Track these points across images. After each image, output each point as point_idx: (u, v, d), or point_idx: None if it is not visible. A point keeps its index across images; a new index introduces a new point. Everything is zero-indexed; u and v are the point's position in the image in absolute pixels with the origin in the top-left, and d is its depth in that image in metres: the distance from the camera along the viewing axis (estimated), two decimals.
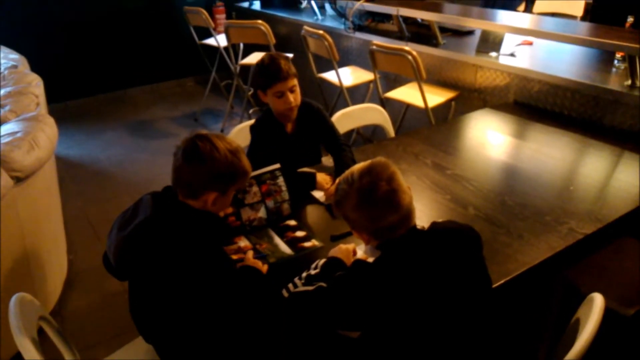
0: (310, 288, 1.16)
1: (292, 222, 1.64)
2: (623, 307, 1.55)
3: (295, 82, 1.89)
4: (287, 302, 1.19)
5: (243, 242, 1.54)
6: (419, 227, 1.18)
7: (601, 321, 1.11)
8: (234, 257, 1.46)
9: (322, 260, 1.32)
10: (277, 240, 1.55)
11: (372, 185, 1.12)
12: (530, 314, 1.79)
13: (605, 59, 2.77)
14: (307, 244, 1.53)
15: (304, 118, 2.00)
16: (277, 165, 1.62)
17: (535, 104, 2.67)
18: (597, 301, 1.15)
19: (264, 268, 1.40)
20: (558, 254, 1.45)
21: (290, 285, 1.28)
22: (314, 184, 1.85)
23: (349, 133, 2.92)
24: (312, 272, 1.30)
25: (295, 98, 1.89)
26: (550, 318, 1.77)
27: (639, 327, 1.56)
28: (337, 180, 1.81)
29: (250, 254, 1.46)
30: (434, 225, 1.21)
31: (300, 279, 1.30)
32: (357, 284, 1.10)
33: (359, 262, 1.17)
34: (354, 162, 1.90)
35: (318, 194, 1.83)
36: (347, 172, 1.19)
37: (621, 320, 1.54)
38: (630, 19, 2.73)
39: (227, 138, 1.33)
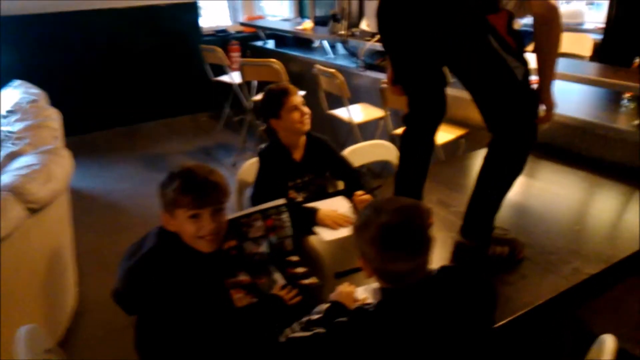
0: (307, 334, 1.14)
1: (295, 258, 1.65)
2: (637, 348, 1.51)
3: (302, 98, 2.01)
4: (282, 347, 1.18)
5: (243, 276, 1.54)
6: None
7: None
8: (233, 292, 1.46)
9: (326, 306, 1.27)
10: (276, 276, 1.55)
11: (402, 225, 1.05)
12: (541, 356, 1.75)
13: (613, 98, 2.79)
14: (305, 281, 1.53)
15: (312, 148, 2.06)
16: (283, 201, 1.63)
17: (544, 141, 2.68)
18: (609, 342, 1.13)
19: (294, 300, 1.41)
20: (562, 294, 1.44)
21: (288, 330, 1.24)
22: (313, 220, 1.86)
23: (359, 169, 2.96)
24: (314, 317, 1.25)
25: (307, 109, 1.99)
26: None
27: None
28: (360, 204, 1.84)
29: (279, 285, 1.47)
30: (442, 272, 1.15)
31: (300, 323, 1.25)
32: (355, 333, 1.06)
33: (360, 310, 1.12)
34: (372, 191, 1.94)
35: (321, 231, 1.84)
36: (379, 202, 1.12)
37: None
38: (637, 60, 2.77)
39: (202, 170, 1.32)
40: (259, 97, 4.16)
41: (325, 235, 1.80)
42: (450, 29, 1.43)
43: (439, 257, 1.64)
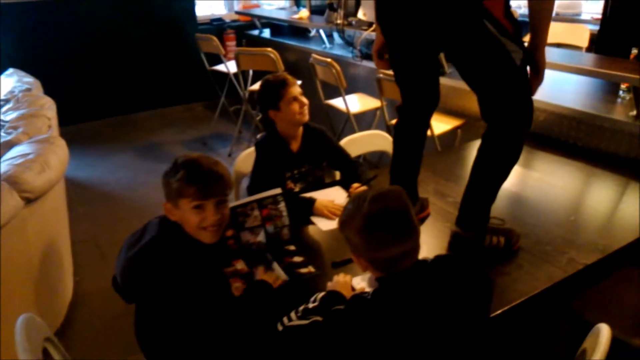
0: (305, 322, 1.14)
1: (292, 247, 1.65)
2: (632, 337, 1.53)
3: (300, 88, 2.00)
4: (281, 335, 1.18)
5: (240, 265, 1.55)
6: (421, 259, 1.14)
7: (608, 352, 1.09)
8: (230, 281, 1.46)
9: (321, 294, 1.28)
10: (274, 265, 1.56)
11: (382, 212, 1.08)
12: (536, 346, 1.77)
13: (610, 89, 2.79)
14: (303, 270, 1.53)
15: (309, 138, 2.06)
16: (279, 190, 1.63)
17: (540, 132, 2.68)
18: (604, 332, 1.14)
19: (277, 282, 1.42)
20: (558, 284, 1.45)
21: (285, 319, 1.25)
22: (310, 210, 1.86)
23: (356, 159, 2.97)
24: (310, 305, 1.26)
25: (305, 100, 1.98)
26: (557, 349, 1.74)
27: None
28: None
29: (261, 270, 1.47)
30: (437, 261, 1.17)
31: (297, 312, 1.26)
32: (353, 321, 1.07)
33: (357, 297, 1.13)
34: (368, 182, 1.94)
35: (318, 221, 1.84)
36: (359, 194, 1.15)
37: (630, 351, 1.51)
38: (634, 51, 2.76)
39: (207, 161, 1.31)
40: (255, 86, 4.14)
41: (322, 225, 1.81)
42: (447, 14, 1.43)
43: (435, 247, 1.65)
